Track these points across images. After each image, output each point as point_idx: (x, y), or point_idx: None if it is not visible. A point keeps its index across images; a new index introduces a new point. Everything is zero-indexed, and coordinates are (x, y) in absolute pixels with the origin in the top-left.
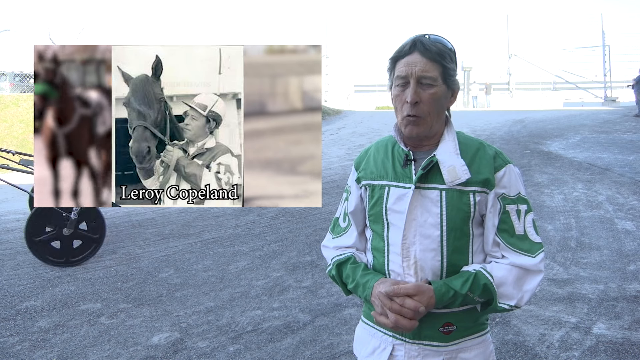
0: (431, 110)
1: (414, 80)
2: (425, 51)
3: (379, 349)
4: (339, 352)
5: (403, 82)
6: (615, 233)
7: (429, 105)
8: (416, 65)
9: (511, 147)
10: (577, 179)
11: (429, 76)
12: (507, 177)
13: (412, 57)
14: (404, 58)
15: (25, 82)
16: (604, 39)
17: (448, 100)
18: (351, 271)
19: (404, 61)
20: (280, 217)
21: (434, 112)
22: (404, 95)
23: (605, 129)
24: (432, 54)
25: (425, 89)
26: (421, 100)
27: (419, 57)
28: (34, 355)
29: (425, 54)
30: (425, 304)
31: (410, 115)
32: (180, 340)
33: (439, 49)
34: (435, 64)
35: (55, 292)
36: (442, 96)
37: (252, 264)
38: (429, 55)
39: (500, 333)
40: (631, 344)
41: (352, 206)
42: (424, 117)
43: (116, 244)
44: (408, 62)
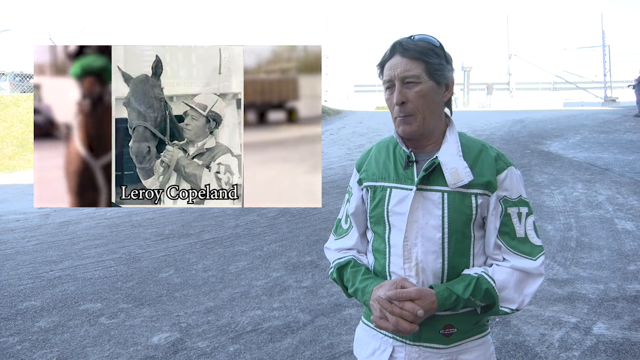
0: (420, 106)
1: (398, 82)
2: (405, 51)
3: (379, 351)
4: (339, 352)
5: (390, 85)
6: (615, 233)
7: (417, 103)
8: (397, 67)
9: (511, 147)
10: (577, 179)
11: (411, 75)
12: (509, 180)
13: (393, 60)
14: (387, 62)
15: (25, 82)
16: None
17: (441, 95)
18: (351, 275)
19: (387, 65)
20: (280, 217)
21: (424, 108)
22: (393, 98)
23: (605, 129)
24: (412, 52)
25: (411, 88)
26: (408, 100)
27: (399, 59)
28: (34, 355)
29: (405, 54)
30: (426, 308)
31: (400, 115)
32: (180, 340)
33: (420, 46)
34: (416, 62)
35: (55, 292)
36: (430, 92)
37: (252, 264)
38: (408, 55)
39: (500, 333)
40: (631, 344)
41: (353, 208)
42: (414, 114)
43: (116, 244)
44: (390, 65)
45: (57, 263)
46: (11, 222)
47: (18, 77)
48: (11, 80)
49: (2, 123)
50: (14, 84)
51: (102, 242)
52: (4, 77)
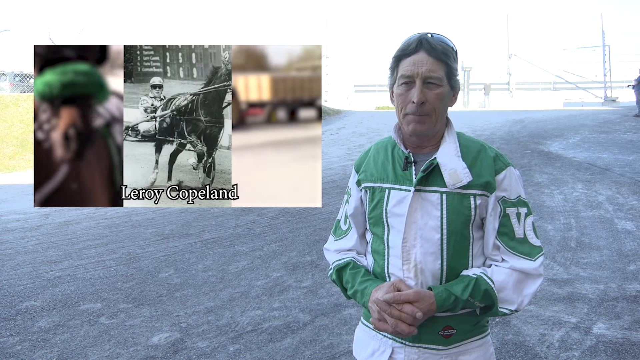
0: (436, 109)
1: (420, 80)
2: (432, 50)
3: (378, 352)
4: (339, 352)
5: (408, 81)
6: (615, 233)
7: (435, 105)
8: (423, 65)
9: (511, 147)
10: (577, 179)
11: (435, 76)
12: (508, 180)
13: (418, 56)
14: (409, 57)
15: (25, 82)
16: (604, 39)
17: (450, 100)
18: (351, 277)
19: (409, 60)
20: (280, 217)
21: (439, 111)
22: (409, 95)
23: (605, 129)
24: (438, 53)
25: (432, 89)
26: (427, 100)
27: (425, 57)
28: (34, 355)
29: (431, 53)
30: (425, 310)
31: (415, 114)
32: (180, 340)
33: (444, 48)
34: (441, 64)
35: (55, 292)
36: (446, 96)
37: (252, 264)
38: (435, 55)
39: (500, 333)
40: (631, 344)
41: (352, 209)
42: (430, 115)
43: (116, 244)
44: (414, 61)
45: (57, 263)
46: (11, 222)
47: (18, 77)
48: (11, 80)
49: (2, 123)
50: (14, 84)
51: (102, 242)
52: (4, 77)
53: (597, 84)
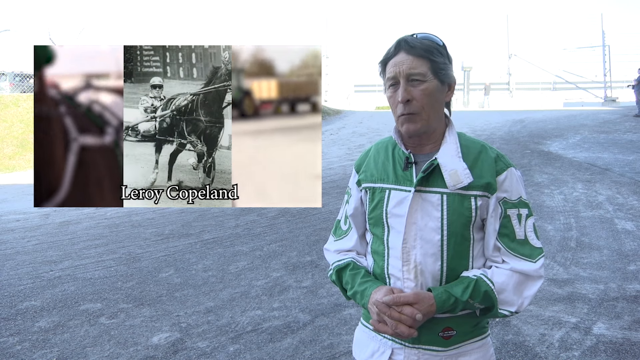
0: (425, 105)
1: (403, 79)
2: (410, 49)
3: (377, 352)
4: (339, 352)
5: (394, 82)
6: (615, 233)
7: (422, 101)
8: (403, 64)
9: (511, 147)
10: (577, 179)
11: (416, 72)
12: (509, 181)
13: (398, 57)
14: (391, 59)
15: (25, 82)
16: (604, 39)
17: (444, 95)
18: (350, 278)
19: (391, 62)
20: (280, 217)
21: (429, 107)
22: (397, 96)
23: (605, 129)
24: (418, 50)
25: (416, 86)
26: (413, 98)
27: (405, 56)
28: (34, 355)
29: (410, 52)
30: (425, 311)
31: (404, 113)
32: (180, 340)
33: (425, 44)
34: (422, 60)
35: (55, 292)
36: (435, 91)
37: (252, 264)
38: (414, 52)
39: (500, 333)
40: (631, 344)
41: (352, 209)
42: (419, 112)
43: (116, 244)
44: (395, 62)
45: (57, 263)
46: (11, 222)
47: (18, 77)
48: (11, 80)
49: (2, 123)
50: (14, 84)
51: (102, 242)
52: (4, 77)
53: (597, 84)
